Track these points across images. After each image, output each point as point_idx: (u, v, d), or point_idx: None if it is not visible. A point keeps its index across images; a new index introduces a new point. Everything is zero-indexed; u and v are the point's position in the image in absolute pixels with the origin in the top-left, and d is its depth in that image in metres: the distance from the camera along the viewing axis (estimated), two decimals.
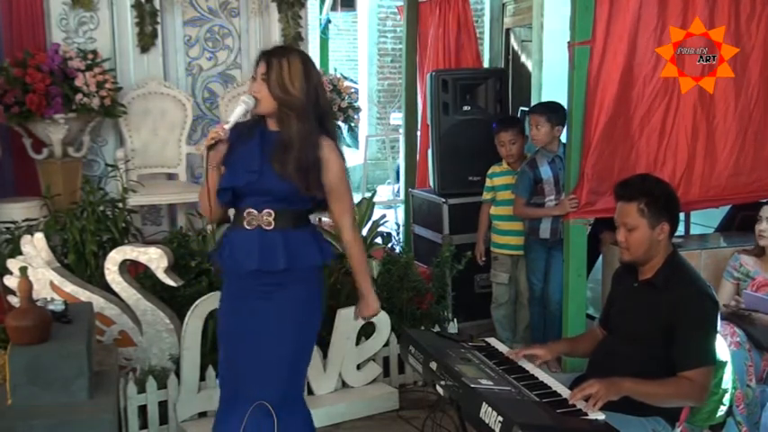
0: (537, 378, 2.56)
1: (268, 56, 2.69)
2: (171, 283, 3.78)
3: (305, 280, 2.75)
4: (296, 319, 2.74)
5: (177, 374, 3.64)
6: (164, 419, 3.62)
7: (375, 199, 4.96)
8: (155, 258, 3.74)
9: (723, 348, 2.72)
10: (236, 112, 2.67)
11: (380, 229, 4.60)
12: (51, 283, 3.68)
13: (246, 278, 2.70)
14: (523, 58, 8.28)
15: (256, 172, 2.66)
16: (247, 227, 2.69)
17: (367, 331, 4.04)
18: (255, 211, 2.68)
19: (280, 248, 2.67)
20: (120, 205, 4.22)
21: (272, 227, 2.68)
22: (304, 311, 2.77)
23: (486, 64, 7.54)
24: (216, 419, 2.85)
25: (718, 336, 2.71)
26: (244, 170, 2.67)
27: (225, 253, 2.74)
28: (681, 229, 4.84)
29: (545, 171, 4.36)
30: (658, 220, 2.65)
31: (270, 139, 2.70)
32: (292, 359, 2.76)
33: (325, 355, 3.92)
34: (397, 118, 9.28)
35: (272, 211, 2.68)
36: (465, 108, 5.23)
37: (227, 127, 2.66)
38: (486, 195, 4.73)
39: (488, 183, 4.72)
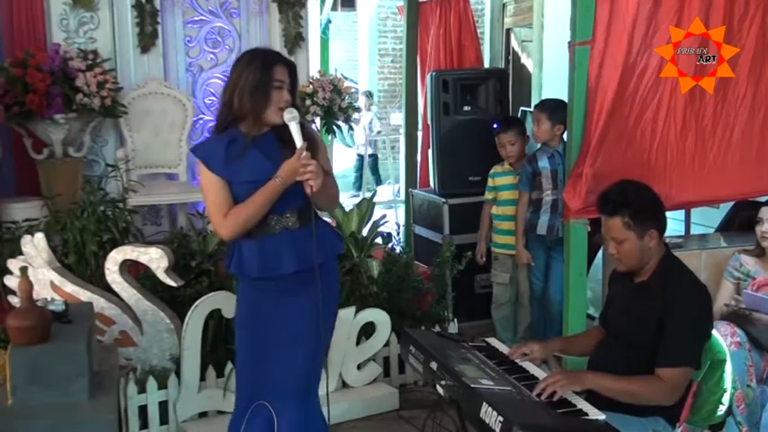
0: (537, 378, 2.56)
1: (289, 65, 2.67)
2: (171, 283, 3.78)
3: (334, 271, 2.83)
4: (333, 310, 2.86)
5: (177, 374, 3.64)
6: (164, 419, 3.62)
7: (375, 199, 4.97)
8: (155, 258, 3.74)
9: (723, 348, 2.71)
10: (297, 132, 2.60)
11: (380, 229, 4.60)
12: (52, 283, 3.68)
13: (279, 280, 2.68)
14: (523, 59, 8.27)
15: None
16: (274, 231, 2.67)
17: (367, 331, 4.03)
18: (278, 216, 2.67)
19: (313, 244, 2.64)
20: (121, 205, 4.22)
21: (297, 225, 2.68)
22: (335, 300, 2.87)
23: (486, 64, 7.53)
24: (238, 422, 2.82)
25: (719, 336, 2.71)
26: (263, 180, 2.60)
27: (251, 262, 2.68)
28: (681, 229, 4.83)
29: (543, 164, 4.39)
30: (645, 228, 2.62)
31: (266, 142, 2.66)
32: (323, 351, 2.89)
33: (325, 355, 3.91)
34: (397, 118, 9.28)
35: (294, 211, 2.68)
36: (465, 108, 5.24)
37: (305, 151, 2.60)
38: (488, 195, 4.73)
39: (490, 182, 4.72)
